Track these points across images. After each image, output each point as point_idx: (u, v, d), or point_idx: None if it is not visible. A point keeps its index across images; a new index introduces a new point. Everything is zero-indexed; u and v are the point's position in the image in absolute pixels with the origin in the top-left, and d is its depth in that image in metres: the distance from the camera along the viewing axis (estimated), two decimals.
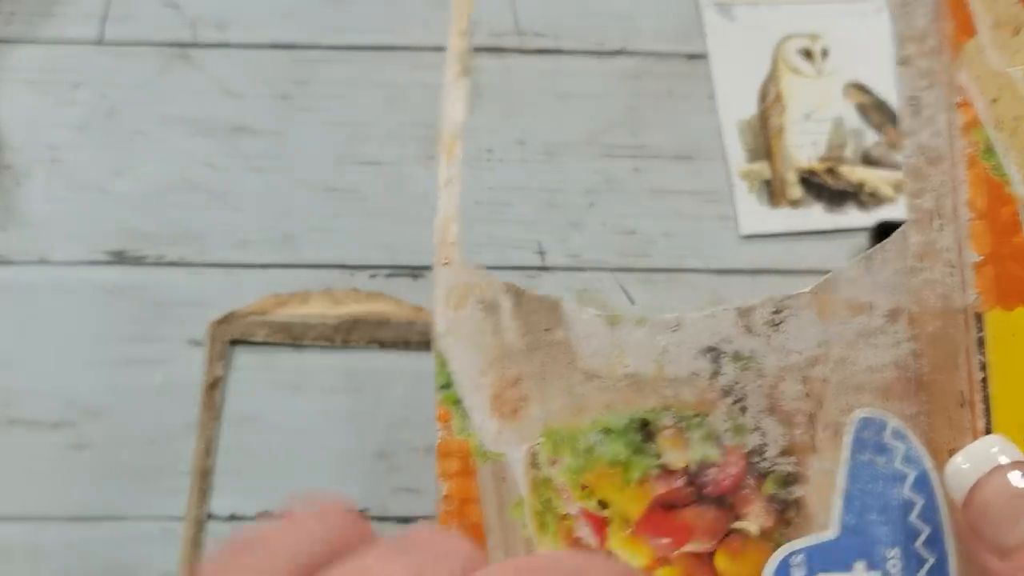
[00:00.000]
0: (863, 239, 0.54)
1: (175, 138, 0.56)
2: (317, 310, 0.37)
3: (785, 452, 0.26)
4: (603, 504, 0.26)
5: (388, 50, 0.59)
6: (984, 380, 0.26)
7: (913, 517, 0.24)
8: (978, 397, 0.25)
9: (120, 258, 0.53)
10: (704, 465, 0.26)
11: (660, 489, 0.26)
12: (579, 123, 0.57)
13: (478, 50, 0.60)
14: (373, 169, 0.56)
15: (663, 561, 0.26)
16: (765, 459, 0.26)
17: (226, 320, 0.39)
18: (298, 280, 0.53)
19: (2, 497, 0.48)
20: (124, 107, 0.57)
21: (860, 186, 0.56)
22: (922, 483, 0.24)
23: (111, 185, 0.55)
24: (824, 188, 0.56)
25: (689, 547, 0.26)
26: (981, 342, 0.26)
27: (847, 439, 0.26)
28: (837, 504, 0.25)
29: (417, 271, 0.53)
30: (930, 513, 0.24)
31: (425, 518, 0.48)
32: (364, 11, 0.61)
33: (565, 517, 0.27)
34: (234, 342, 0.38)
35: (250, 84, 0.58)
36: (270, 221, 0.54)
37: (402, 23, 0.60)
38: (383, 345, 0.35)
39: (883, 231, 0.53)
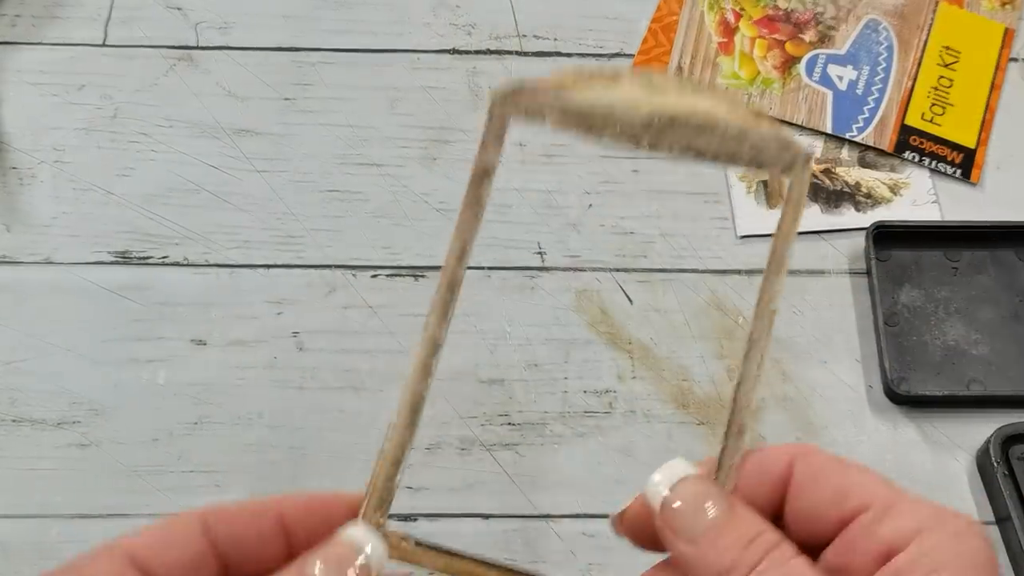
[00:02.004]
0: (860, 239, 0.54)
1: (178, 140, 0.57)
2: (628, 96, 0.28)
3: None
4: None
5: (389, 53, 0.60)
6: None
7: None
8: None
9: (124, 258, 0.54)
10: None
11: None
12: None
13: (479, 52, 0.60)
14: (374, 170, 0.56)
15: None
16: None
17: (513, 94, 0.29)
18: (300, 281, 0.53)
19: (7, 495, 0.48)
20: (128, 109, 0.58)
21: (856, 187, 0.56)
22: None
23: (115, 186, 0.56)
24: (821, 189, 0.56)
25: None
26: None
27: None
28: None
29: (419, 271, 0.54)
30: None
31: (425, 516, 0.48)
32: (365, 14, 0.61)
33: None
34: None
35: (253, 86, 0.59)
36: (272, 222, 0.55)
37: (403, 26, 0.61)
38: (701, 156, 0.28)
39: (880, 231, 0.54)
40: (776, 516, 0.27)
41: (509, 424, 0.50)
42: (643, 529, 0.28)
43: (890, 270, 0.54)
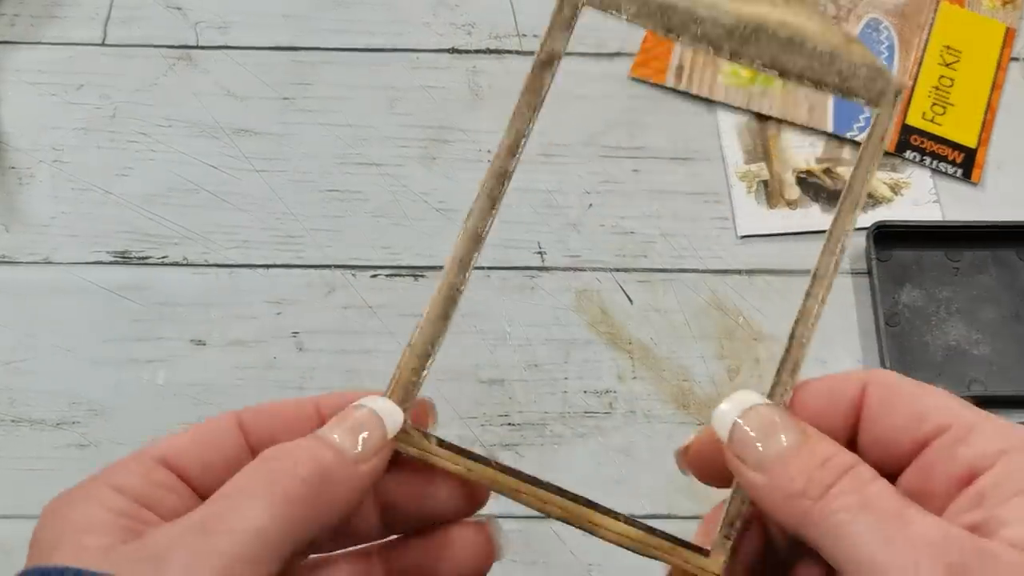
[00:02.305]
0: (861, 239, 0.54)
1: (178, 139, 0.57)
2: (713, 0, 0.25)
3: None
4: None
5: (388, 52, 0.60)
6: None
7: None
8: None
9: (123, 258, 0.54)
10: None
11: None
12: (578, 124, 0.58)
13: (478, 52, 0.60)
14: (374, 170, 0.56)
15: None
16: None
17: None
18: (299, 281, 0.53)
19: (7, 495, 0.48)
20: (127, 108, 0.58)
21: None
22: None
23: (114, 186, 0.55)
24: (821, 188, 0.56)
25: None
26: None
27: None
28: None
29: (418, 271, 0.54)
30: None
31: None
32: (364, 14, 0.61)
33: None
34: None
35: (252, 86, 0.58)
36: (272, 222, 0.55)
37: (402, 26, 0.61)
38: (785, 74, 0.26)
39: (881, 231, 0.53)
40: (851, 443, 0.25)
41: (509, 424, 0.50)
42: (709, 463, 0.27)
43: (891, 270, 0.54)
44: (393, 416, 0.26)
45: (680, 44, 0.27)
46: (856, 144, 0.57)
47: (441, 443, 0.26)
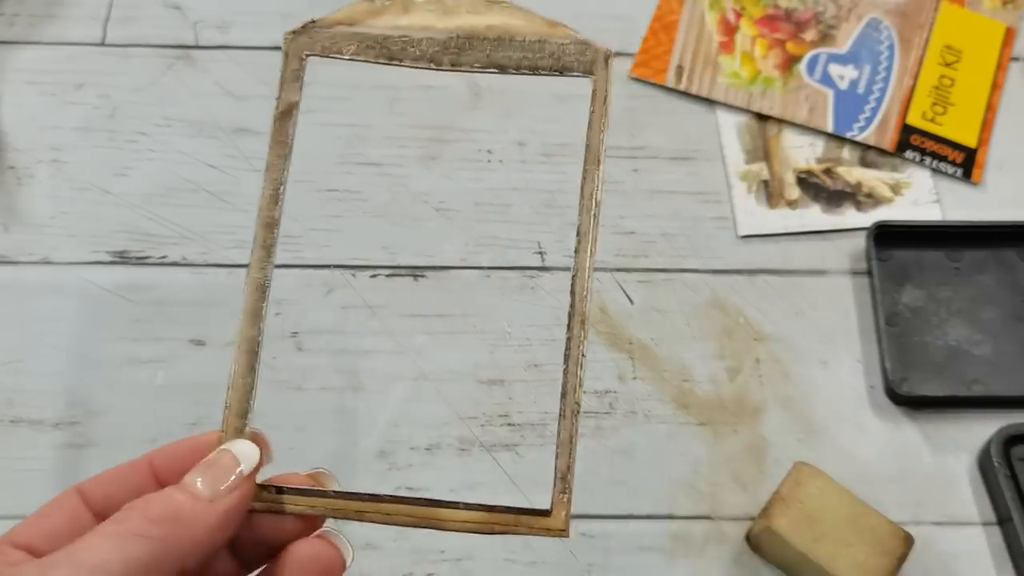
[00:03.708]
0: (861, 239, 0.54)
1: (177, 139, 0.57)
2: (422, 22, 0.29)
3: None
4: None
5: None
6: None
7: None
8: None
9: (122, 258, 0.53)
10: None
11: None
12: (578, 124, 0.57)
13: None
14: (373, 170, 0.56)
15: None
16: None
17: (305, 31, 0.31)
18: (298, 280, 0.53)
19: (5, 495, 0.48)
20: (126, 108, 0.58)
21: (857, 186, 0.56)
22: None
23: (113, 186, 0.55)
24: (822, 189, 0.56)
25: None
26: None
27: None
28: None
29: (418, 271, 0.54)
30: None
31: None
32: None
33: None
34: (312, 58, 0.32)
35: (251, 85, 0.58)
36: None
37: None
38: (503, 69, 0.29)
39: (881, 231, 0.53)
40: None
41: (509, 424, 0.50)
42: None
43: (891, 270, 0.54)
44: (250, 455, 0.29)
45: (403, 66, 0.30)
46: (857, 144, 0.57)
47: (280, 490, 0.29)
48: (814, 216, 0.55)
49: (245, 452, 0.28)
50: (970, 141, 0.57)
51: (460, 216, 0.55)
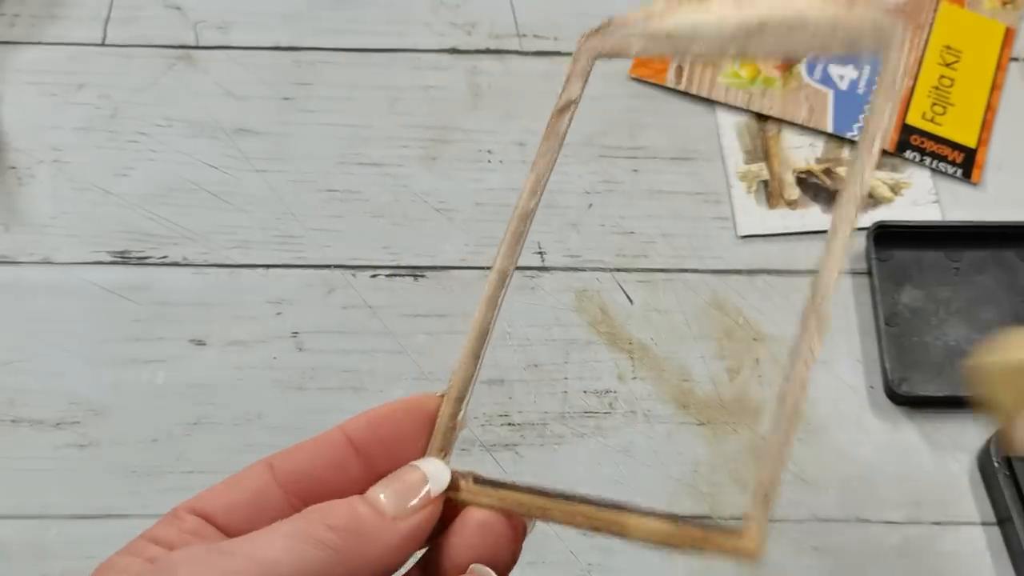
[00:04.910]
0: (861, 239, 0.54)
1: (177, 139, 0.57)
2: (718, 13, 0.28)
3: None
4: None
5: (389, 52, 0.60)
6: None
7: None
8: None
9: (123, 258, 0.54)
10: None
11: None
12: (578, 124, 0.57)
13: (479, 52, 0.60)
14: (374, 170, 0.56)
15: None
16: None
17: (599, 31, 0.30)
18: (299, 281, 0.53)
19: (6, 495, 0.48)
20: (127, 108, 0.58)
21: None
22: None
23: (114, 186, 0.55)
24: (821, 189, 0.56)
25: None
26: None
27: None
28: None
29: (418, 271, 0.54)
30: None
31: None
32: (365, 14, 0.61)
33: None
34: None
35: (252, 86, 0.58)
36: (271, 222, 0.55)
37: (402, 26, 0.61)
38: (791, 54, 0.28)
39: (881, 231, 0.53)
40: None
41: (509, 424, 0.50)
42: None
43: (891, 270, 0.54)
44: (440, 476, 0.27)
45: (686, 59, 0.29)
46: (855, 144, 0.57)
47: (477, 480, 0.27)
48: (814, 216, 0.55)
49: (435, 472, 0.27)
50: (970, 141, 0.57)
51: (460, 216, 0.55)
